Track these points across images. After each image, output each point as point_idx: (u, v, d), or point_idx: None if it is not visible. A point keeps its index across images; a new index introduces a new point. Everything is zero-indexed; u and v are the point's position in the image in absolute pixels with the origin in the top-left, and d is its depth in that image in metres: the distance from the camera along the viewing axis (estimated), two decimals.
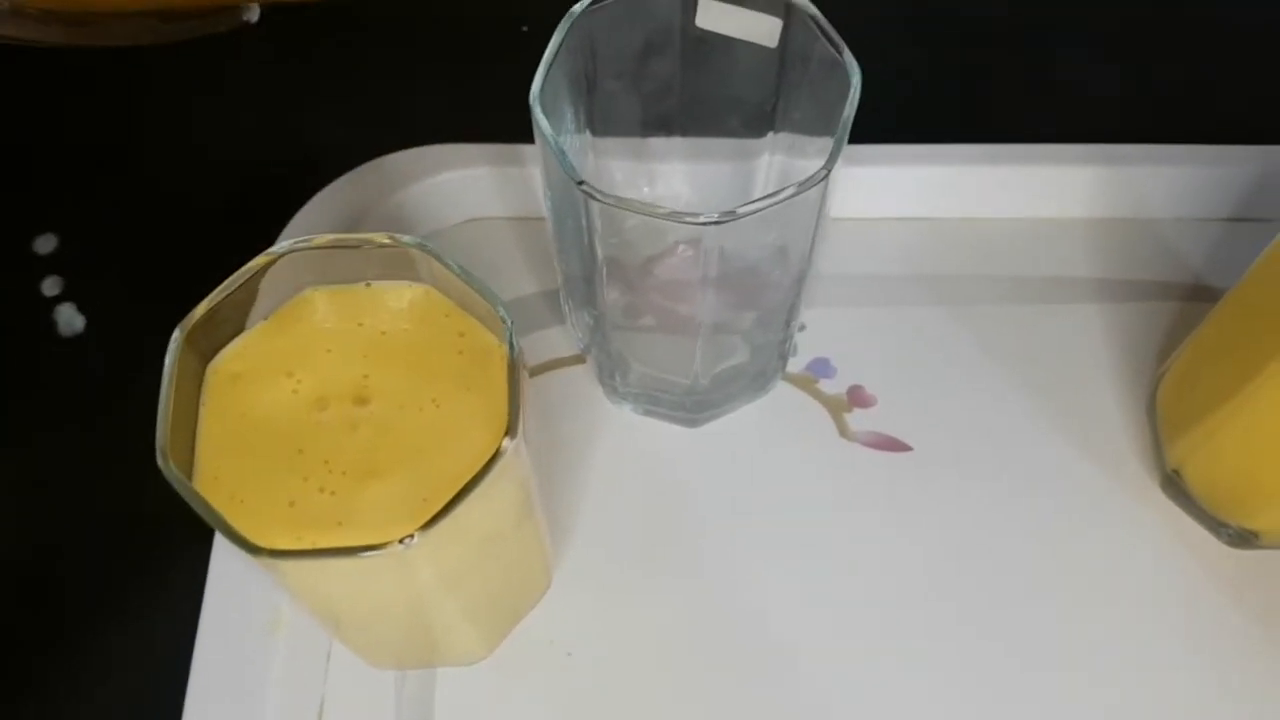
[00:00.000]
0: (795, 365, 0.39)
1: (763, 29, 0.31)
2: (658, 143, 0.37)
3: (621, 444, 0.38)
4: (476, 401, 0.26)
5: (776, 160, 0.36)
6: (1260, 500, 0.33)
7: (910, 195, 0.41)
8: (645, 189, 0.39)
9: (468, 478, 0.24)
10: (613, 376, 0.37)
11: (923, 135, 0.41)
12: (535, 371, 0.39)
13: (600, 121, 0.35)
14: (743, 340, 0.36)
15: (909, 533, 0.36)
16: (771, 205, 0.27)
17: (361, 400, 0.26)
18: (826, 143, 0.28)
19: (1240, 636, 0.34)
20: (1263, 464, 0.32)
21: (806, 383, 0.39)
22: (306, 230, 0.39)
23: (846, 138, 0.28)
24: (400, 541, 0.23)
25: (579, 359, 0.39)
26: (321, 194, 0.40)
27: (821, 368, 0.40)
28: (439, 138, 0.41)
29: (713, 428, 0.38)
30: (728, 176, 0.38)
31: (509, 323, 0.26)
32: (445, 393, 0.26)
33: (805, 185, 0.27)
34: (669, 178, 0.39)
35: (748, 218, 0.27)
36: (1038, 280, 0.41)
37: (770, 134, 0.35)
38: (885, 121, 0.41)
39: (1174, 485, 0.35)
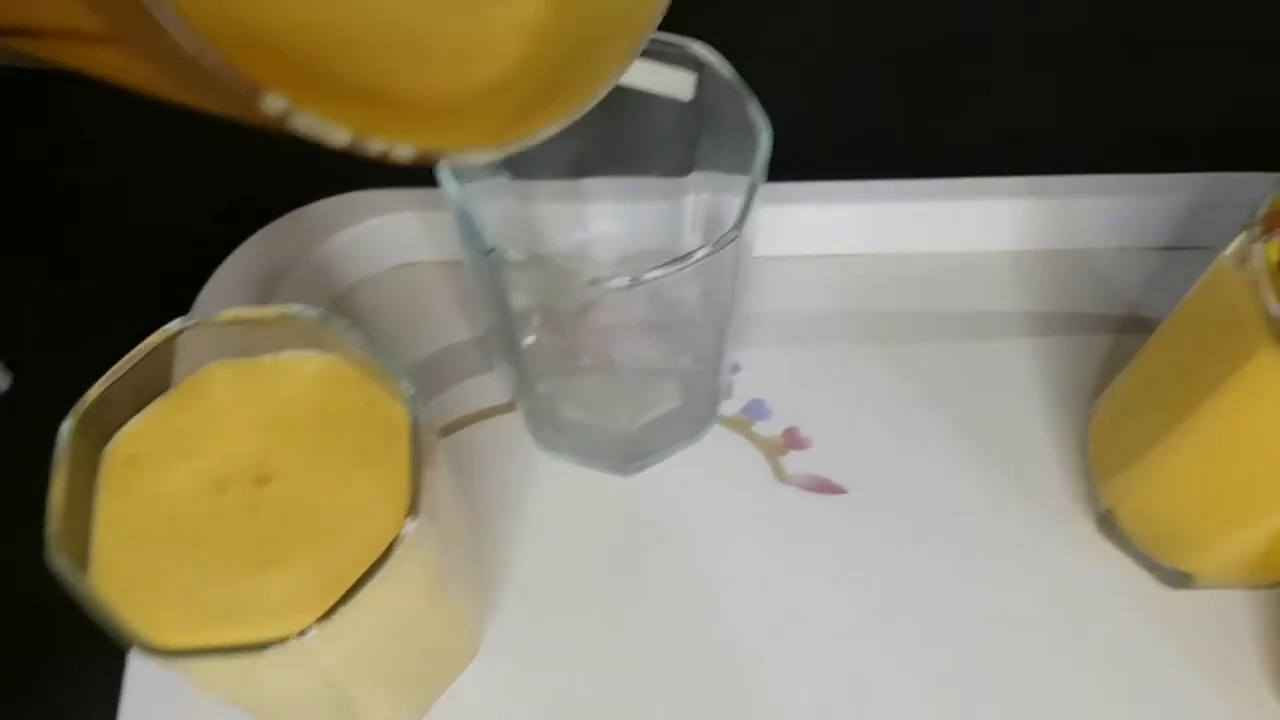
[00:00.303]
0: (731, 408, 0.39)
1: (676, 83, 0.30)
2: (585, 184, 0.37)
3: (554, 494, 0.37)
4: (383, 477, 0.26)
5: (703, 199, 0.36)
6: (1193, 544, 0.32)
7: (842, 232, 0.41)
8: (576, 232, 0.38)
9: (372, 561, 0.23)
10: (542, 427, 0.36)
11: (854, 171, 0.40)
12: (468, 421, 0.38)
13: (520, 168, 0.34)
14: (674, 386, 0.36)
15: (845, 578, 0.35)
16: (682, 270, 0.27)
17: (262, 480, 0.26)
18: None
19: (1178, 678, 0.34)
20: (1194, 508, 0.32)
21: (742, 425, 0.39)
22: (230, 284, 0.39)
23: (758, 193, 0.28)
24: (299, 635, 0.23)
25: (512, 407, 0.38)
26: (245, 245, 0.39)
27: (757, 409, 0.39)
28: (364, 183, 0.41)
29: (647, 475, 0.38)
30: (656, 215, 0.37)
31: (412, 395, 0.25)
32: (350, 469, 0.26)
33: (717, 246, 0.27)
34: (597, 219, 0.38)
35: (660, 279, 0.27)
36: (972, 315, 0.40)
37: (694, 173, 0.35)
38: (815, 156, 0.41)
39: (1108, 525, 0.35)
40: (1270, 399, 0.27)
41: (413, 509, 0.24)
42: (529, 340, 0.33)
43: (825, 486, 0.38)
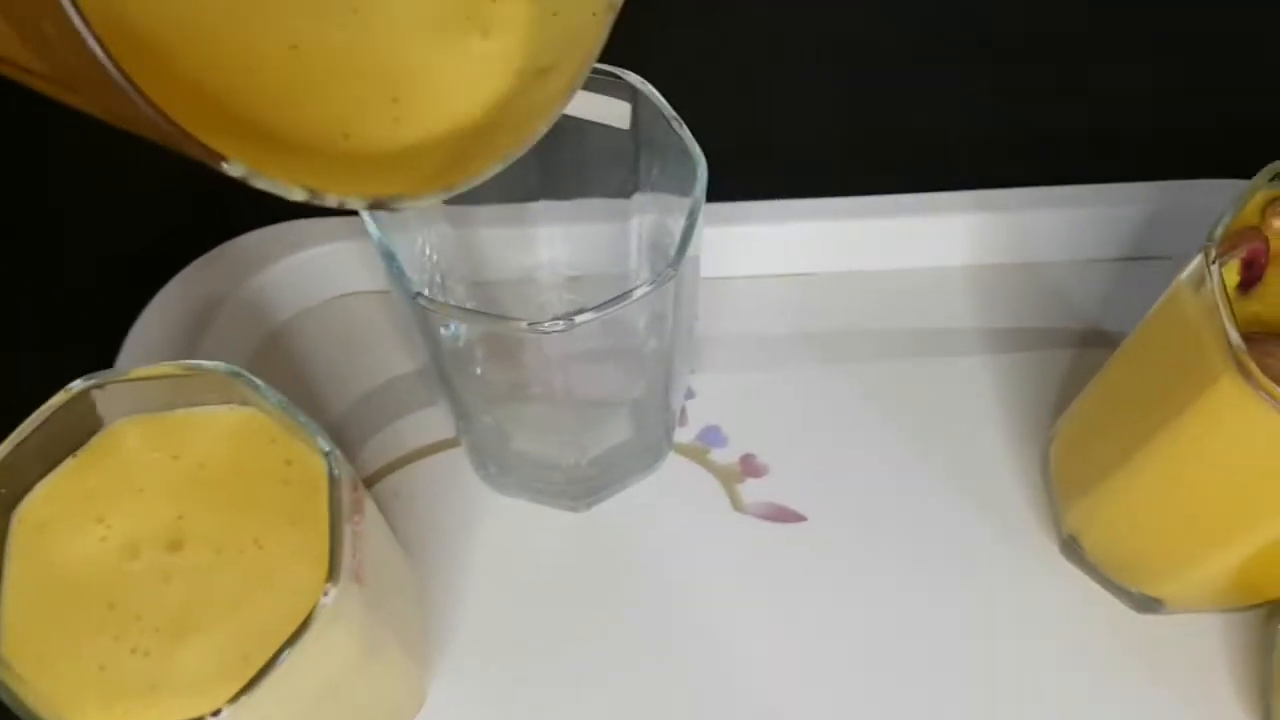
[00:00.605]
0: (686, 435, 0.38)
1: (613, 113, 0.29)
2: (529, 207, 0.36)
3: (505, 533, 0.36)
4: (302, 539, 0.24)
5: (648, 220, 0.34)
6: (1160, 570, 0.32)
7: (795, 251, 0.39)
8: (522, 256, 0.37)
9: (294, 627, 0.22)
10: (487, 464, 0.35)
11: (806, 187, 0.39)
12: (412, 457, 0.37)
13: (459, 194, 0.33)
14: (624, 416, 0.34)
15: (807, 608, 0.34)
16: (617, 310, 0.25)
17: (175, 545, 0.24)
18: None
19: (1150, 703, 0.33)
20: (1159, 536, 0.31)
21: (698, 453, 0.38)
22: (160, 322, 0.37)
23: (698, 223, 0.27)
24: (214, 715, 0.21)
25: (459, 441, 0.37)
26: (174, 281, 0.38)
27: (713, 436, 0.38)
28: (298, 213, 0.39)
29: (601, 509, 0.36)
30: (602, 238, 0.36)
31: (329, 451, 0.24)
32: (268, 530, 0.24)
33: (658, 282, 0.26)
34: (543, 242, 0.37)
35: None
36: (930, 333, 0.39)
37: (637, 194, 0.34)
38: (765, 174, 0.40)
39: (1073, 550, 0.34)
40: (1232, 427, 0.26)
41: (332, 574, 0.22)
42: (476, 370, 0.31)
43: (784, 514, 0.36)
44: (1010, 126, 0.43)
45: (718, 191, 0.38)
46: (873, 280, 0.40)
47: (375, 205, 0.20)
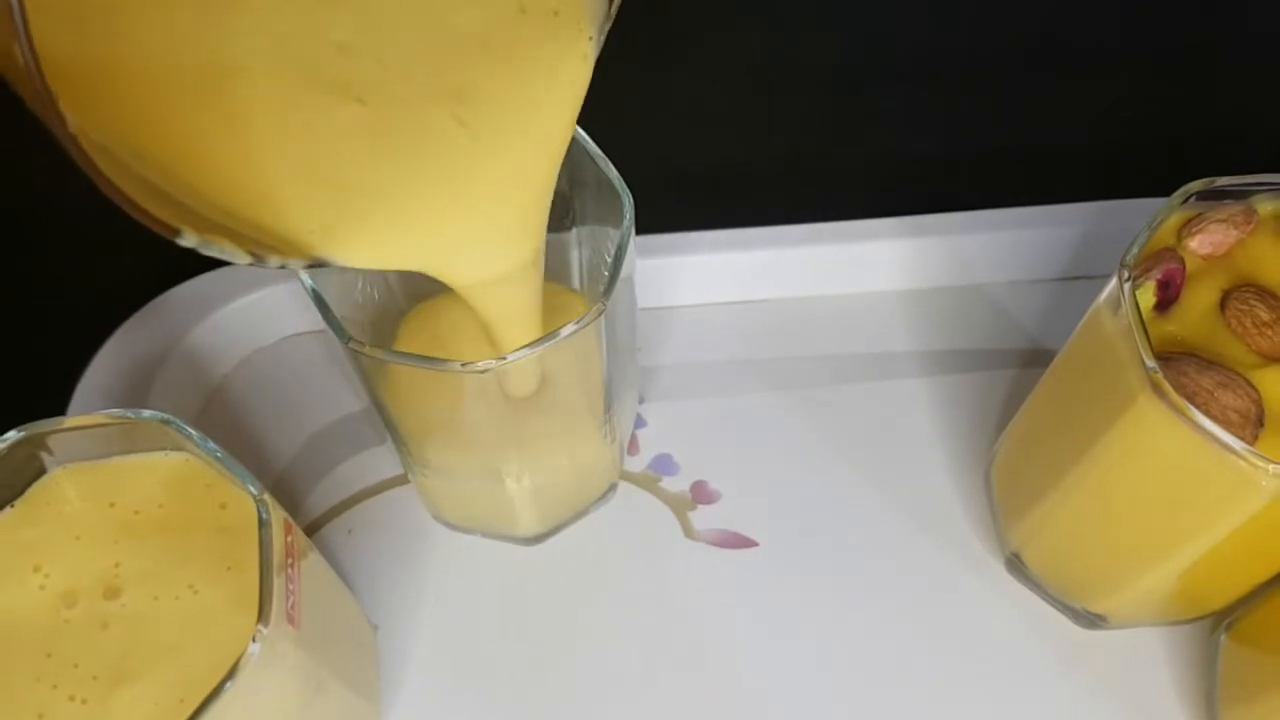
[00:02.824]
0: (637, 464, 0.38)
1: None
2: None
3: (456, 569, 0.36)
4: (239, 583, 0.24)
5: (587, 252, 0.35)
6: (1100, 587, 0.32)
7: (739, 279, 0.40)
8: None
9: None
10: (434, 502, 0.35)
11: (749, 218, 0.40)
12: (364, 495, 0.37)
13: None
14: (569, 451, 0.34)
15: (761, 632, 0.35)
16: (546, 346, 0.26)
17: (113, 592, 0.25)
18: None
19: (1097, 718, 0.33)
20: (1095, 553, 0.31)
21: (649, 482, 0.38)
22: (109, 370, 0.37)
23: (625, 262, 0.27)
24: None
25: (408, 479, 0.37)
26: (123, 328, 0.38)
27: (664, 465, 0.38)
28: None
29: (553, 542, 0.37)
30: (546, 269, 0.36)
31: (259, 496, 0.24)
32: (204, 576, 0.25)
33: (582, 323, 0.26)
34: None
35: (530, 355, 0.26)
36: (874, 357, 0.40)
37: (575, 229, 0.34)
38: (710, 206, 0.40)
39: (1017, 568, 0.34)
40: (1152, 446, 0.26)
41: (261, 618, 0.22)
42: (416, 411, 0.32)
43: (736, 541, 0.37)
44: (948, 150, 0.44)
45: (661, 223, 0.39)
46: (818, 306, 0.41)
47: (315, 264, 0.21)
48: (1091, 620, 0.33)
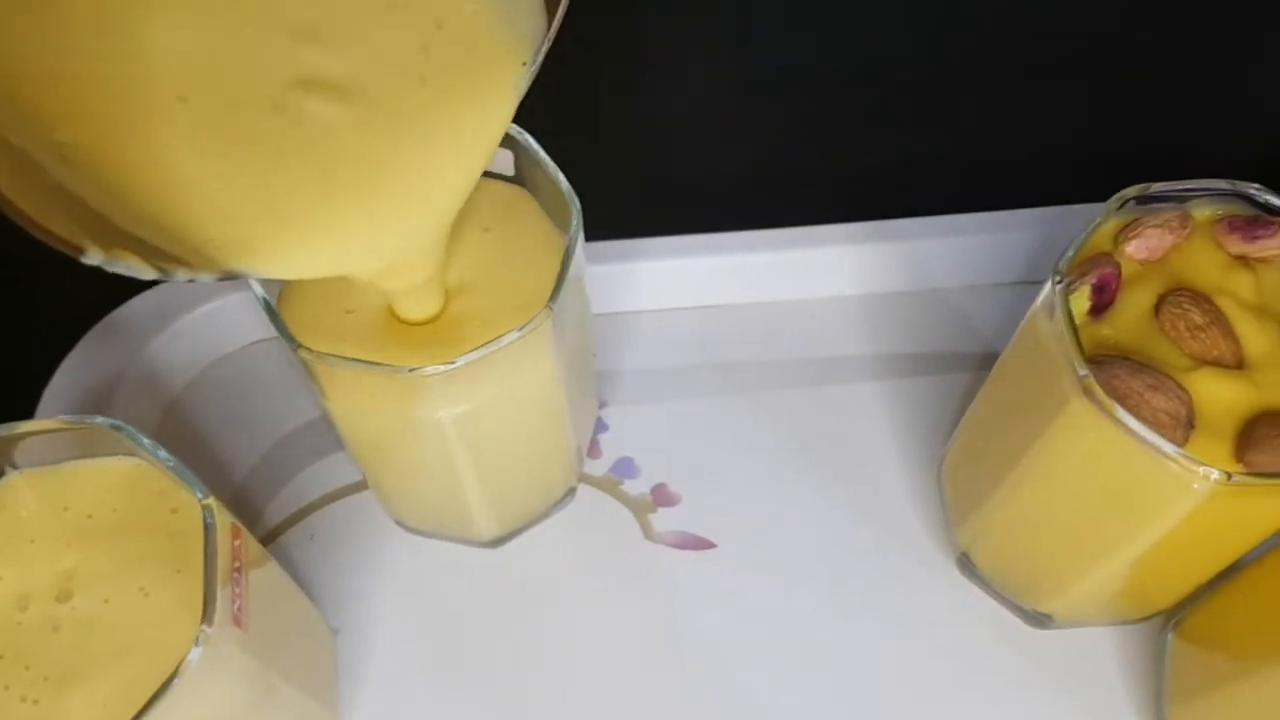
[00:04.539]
0: (598, 468, 0.39)
1: (496, 160, 0.30)
2: None
3: (418, 571, 0.36)
4: (188, 586, 0.25)
5: None
6: (1045, 586, 0.32)
7: (698, 285, 0.41)
8: None
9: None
10: (393, 507, 0.36)
11: (707, 223, 0.40)
12: (328, 499, 0.38)
13: None
14: (525, 457, 0.35)
15: (719, 632, 0.35)
16: (491, 350, 0.26)
17: (65, 595, 0.25)
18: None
19: (1047, 718, 0.33)
20: (1038, 553, 0.32)
21: (610, 486, 0.38)
22: (77, 375, 0.38)
23: (572, 267, 0.28)
24: None
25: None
26: (92, 333, 0.38)
27: (625, 468, 0.39)
28: None
29: (514, 545, 0.37)
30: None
31: (204, 500, 0.24)
32: (155, 579, 0.25)
33: (526, 328, 0.27)
34: None
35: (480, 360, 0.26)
36: (832, 361, 0.40)
37: None
38: (667, 211, 0.41)
39: (967, 567, 0.35)
40: (1085, 447, 0.27)
41: (205, 621, 0.23)
42: (367, 418, 0.32)
43: (695, 542, 0.37)
44: (906, 157, 0.45)
45: (623, 228, 0.40)
46: (778, 310, 0.41)
47: (226, 276, 0.21)
48: (1039, 619, 0.34)
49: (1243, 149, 0.44)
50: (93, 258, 0.18)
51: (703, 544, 0.37)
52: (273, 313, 0.27)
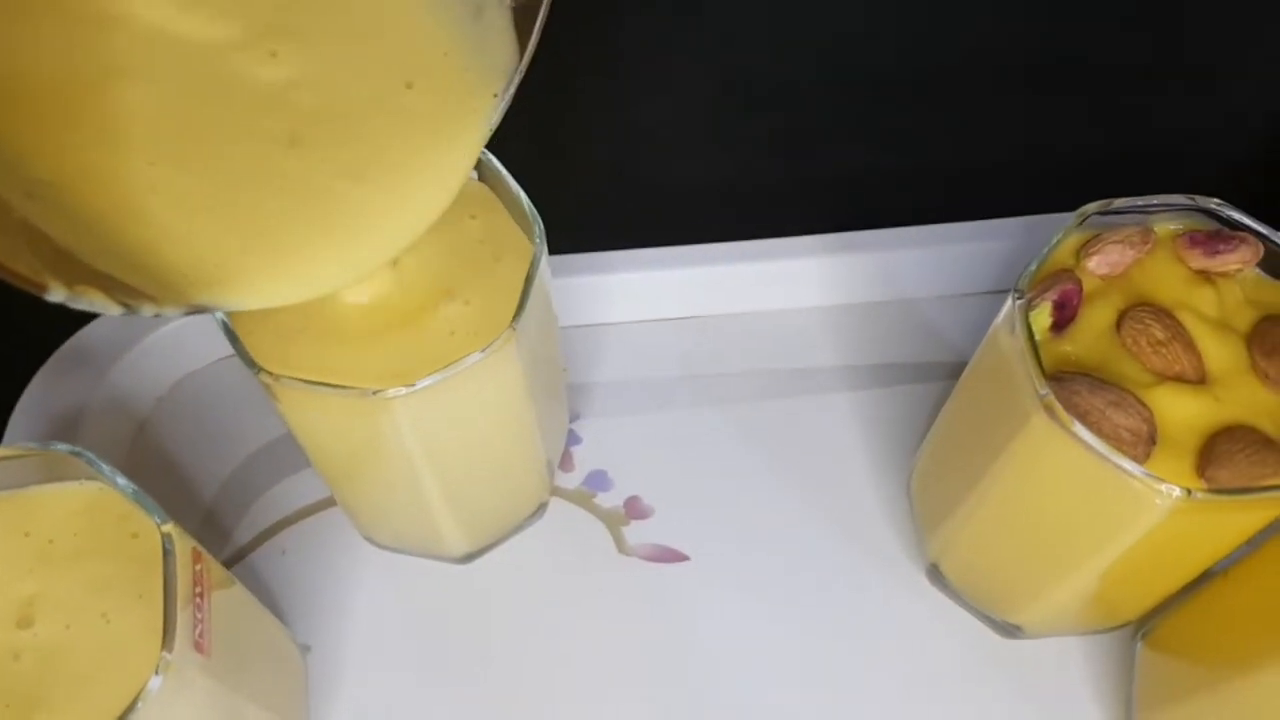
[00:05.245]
0: (571, 481, 0.39)
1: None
2: None
3: (389, 587, 0.36)
4: (150, 612, 0.25)
5: None
6: (1012, 597, 0.33)
7: (670, 297, 0.41)
8: None
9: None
10: (362, 524, 0.36)
11: (679, 236, 0.41)
12: (300, 515, 0.38)
13: None
14: (494, 473, 0.34)
15: (692, 644, 0.35)
16: (455, 372, 0.26)
17: (26, 622, 0.25)
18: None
19: None
20: (1004, 565, 0.32)
21: (583, 498, 0.38)
22: (43, 398, 0.37)
23: (536, 283, 0.28)
24: None
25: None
26: (58, 354, 0.38)
27: (599, 481, 0.39)
28: None
29: (486, 560, 0.37)
30: None
31: (162, 527, 0.24)
32: (117, 605, 0.25)
33: (489, 349, 0.27)
34: None
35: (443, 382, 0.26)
36: (804, 372, 0.40)
37: None
38: (638, 224, 0.41)
39: (937, 578, 0.35)
40: (1046, 462, 0.27)
41: (166, 647, 0.23)
42: (333, 439, 0.32)
43: (667, 555, 0.37)
44: (877, 167, 0.45)
45: (594, 241, 0.40)
46: (750, 322, 0.41)
47: (193, 310, 0.22)
48: (1009, 630, 0.34)
49: (1212, 159, 0.44)
50: (56, 295, 0.19)
51: (676, 556, 0.37)
52: (232, 335, 0.27)
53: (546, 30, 0.24)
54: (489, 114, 0.24)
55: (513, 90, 0.24)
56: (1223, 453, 0.25)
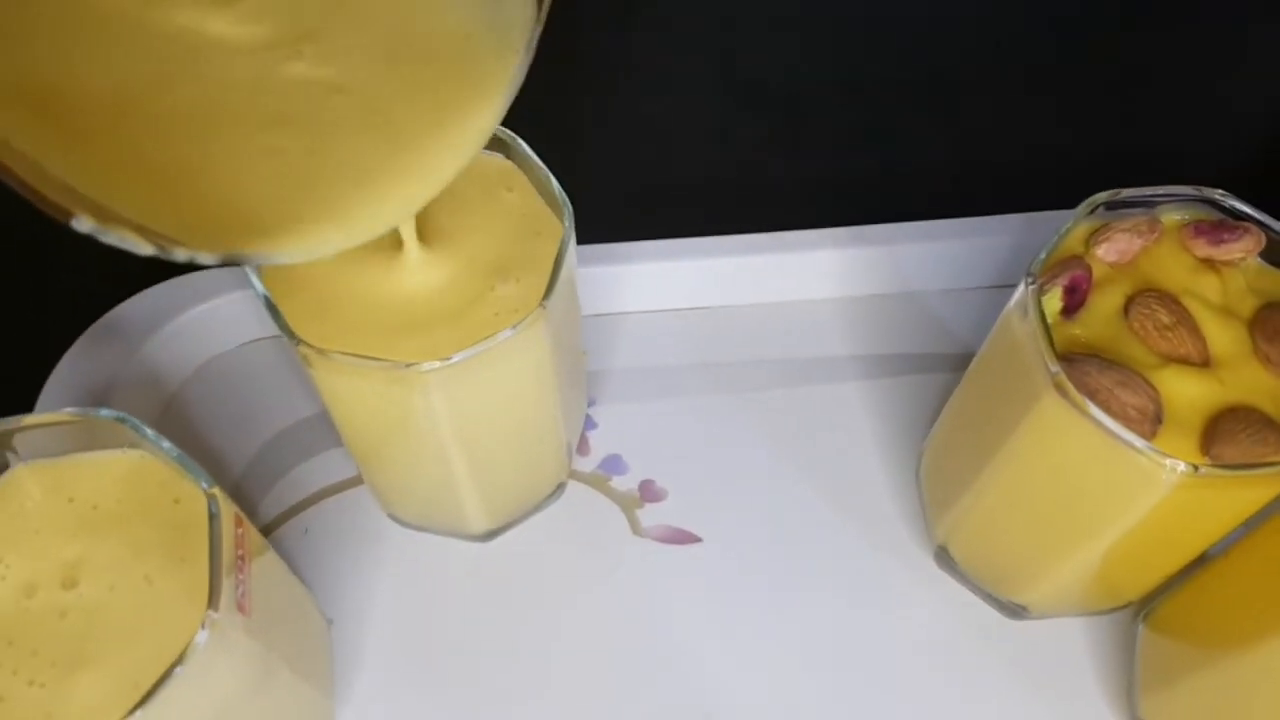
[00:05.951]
0: (588, 464, 0.40)
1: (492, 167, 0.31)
2: None
3: (410, 565, 0.37)
4: (192, 574, 0.26)
5: None
6: (1019, 578, 0.33)
7: (686, 287, 0.42)
8: None
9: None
10: (387, 502, 0.37)
11: (693, 228, 0.42)
12: (323, 494, 0.38)
13: None
14: (516, 453, 0.35)
15: (704, 624, 0.36)
16: (485, 348, 0.27)
17: (70, 583, 0.26)
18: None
19: (1021, 705, 0.34)
20: (1013, 545, 0.33)
21: (599, 482, 0.39)
22: (76, 372, 0.38)
23: (564, 267, 0.29)
24: None
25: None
26: (90, 331, 0.39)
27: (614, 465, 0.40)
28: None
29: (504, 539, 0.38)
30: None
31: (210, 491, 0.25)
32: (159, 568, 0.26)
33: (519, 326, 0.27)
34: None
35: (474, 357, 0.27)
36: (814, 361, 0.41)
37: None
38: (659, 215, 0.42)
39: (944, 560, 0.36)
40: (1056, 442, 0.28)
41: (211, 605, 0.24)
42: (366, 414, 0.33)
43: (681, 536, 0.38)
44: (886, 164, 0.46)
45: (613, 232, 0.41)
46: (762, 312, 0.42)
47: (228, 261, 0.21)
48: (1015, 610, 0.35)
49: (1212, 156, 0.45)
50: (84, 225, 0.18)
51: (688, 538, 0.38)
52: (273, 308, 0.27)
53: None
54: (514, 72, 0.24)
55: (533, 48, 0.24)
56: (1226, 431, 0.26)
